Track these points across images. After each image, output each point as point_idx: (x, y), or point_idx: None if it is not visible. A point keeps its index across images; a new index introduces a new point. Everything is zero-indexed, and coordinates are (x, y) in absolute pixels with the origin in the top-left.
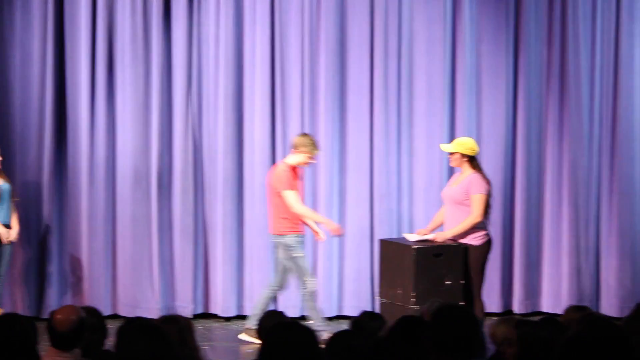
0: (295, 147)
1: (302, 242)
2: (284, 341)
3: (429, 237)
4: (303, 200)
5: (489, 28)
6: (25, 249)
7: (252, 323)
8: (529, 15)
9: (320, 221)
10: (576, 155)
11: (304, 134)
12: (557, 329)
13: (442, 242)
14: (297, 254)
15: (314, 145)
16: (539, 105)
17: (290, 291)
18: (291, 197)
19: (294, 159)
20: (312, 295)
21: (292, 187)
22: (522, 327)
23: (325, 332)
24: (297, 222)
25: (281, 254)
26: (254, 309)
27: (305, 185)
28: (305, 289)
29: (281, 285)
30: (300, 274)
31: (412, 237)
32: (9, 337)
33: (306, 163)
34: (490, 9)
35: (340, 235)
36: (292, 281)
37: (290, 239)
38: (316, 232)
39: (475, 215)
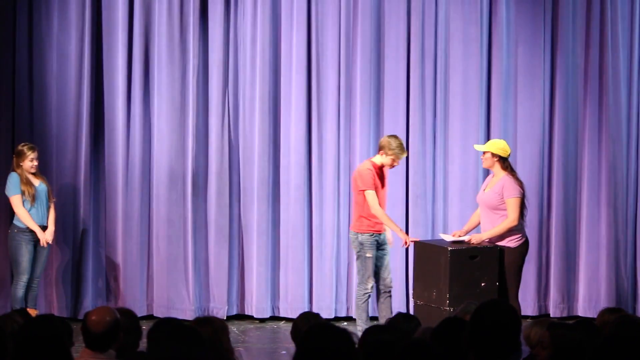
0: (381, 148)
1: (375, 243)
2: (319, 344)
3: (465, 238)
4: (383, 202)
5: (526, 29)
6: (61, 250)
7: (361, 328)
8: (566, 16)
9: (393, 229)
10: (614, 157)
11: (392, 136)
12: (591, 331)
13: (478, 243)
14: (368, 254)
15: (400, 148)
16: (576, 107)
17: (324, 293)
18: (371, 197)
19: (379, 159)
20: (366, 297)
21: (373, 187)
22: (556, 329)
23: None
24: (374, 223)
25: (356, 250)
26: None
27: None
28: (363, 290)
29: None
30: (364, 273)
31: (448, 238)
32: (43, 338)
33: (391, 165)
34: (527, 10)
35: (408, 246)
36: (327, 282)
37: (364, 238)
38: (401, 237)
39: (511, 219)
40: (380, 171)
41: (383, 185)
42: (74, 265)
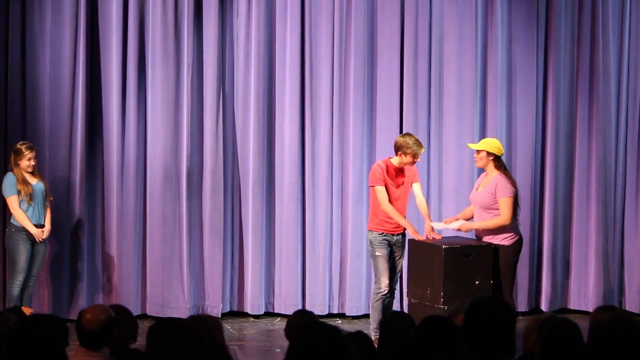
0: (398, 148)
1: (385, 242)
2: (311, 342)
3: (454, 225)
4: (402, 200)
5: (520, 28)
6: (56, 249)
7: (373, 327)
8: (559, 15)
9: (403, 224)
10: (604, 154)
11: (407, 134)
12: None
13: (467, 230)
14: (377, 252)
15: (417, 144)
16: (568, 105)
17: (317, 290)
18: (380, 193)
19: (397, 160)
20: (380, 297)
21: (382, 183)
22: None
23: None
24: (384, 221)
25: (369, 249)
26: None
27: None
28: (376, 289)
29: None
30: (376, 272)
31: (438, 226)
32: (37, 337)
33: (412, 163)
34: (522, 9)
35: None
36: (320, 279)
37: (374, 236)
38: (410, 232)
39: (503, 218)
40: (397, 171)
41: (401, 183)
42: (69, 264)
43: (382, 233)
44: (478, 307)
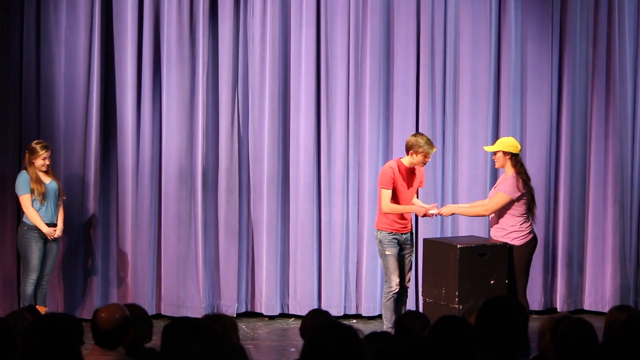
0: (409, 148)
1: (394, 241)
2: (326, 341)
3: (436, 210)
4: (408, 199)
5: (534, 27)
6: (70, 248)
7: (386, 327)
8: (574, 14)
9: (409, 210)
10: (621, 154)
11: (418, 134)
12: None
13: (448, 213)
14: (387, 251)
15: (429, 144)
16: (583, 105)
17: (333, 291)
18: (383, 196)
19: (408, 160)
20: (391, 296)
21: (388, 187)
22: (561, 324)
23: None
24: (393, 220)
25: (378, 248)
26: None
27: (421, 183)
28: (387, 288)
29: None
30: (386, 271)
31: (418, 203)
32: (52, 337)
33: (423, 163)
34: (536, 8)
35: (433, 215)
36: (336, 279)
37: (383, 235)
38: (419, 212)
39: (486, 208)
40: (409, 171)
41: (411, 184)
42: (83, 263)
43: (392, 232)
44: (489, 308)
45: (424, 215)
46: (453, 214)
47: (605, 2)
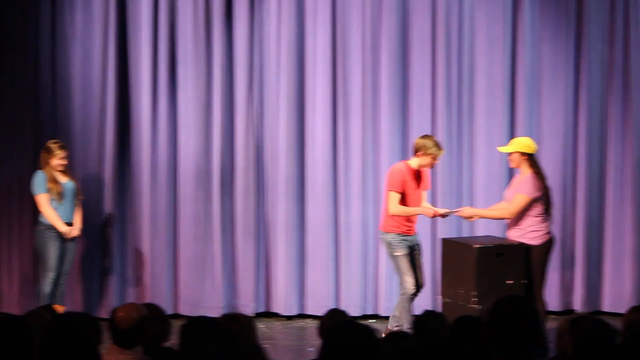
0: (418, 150)
1: (403, 242)
2: (343, 340)
3: (454, 210)
4: (419, 203)
5: (550, 27)
6: (87, 247)
7: (392, 325)
8: (590, 14)
9: (418, 212)
10: (639, 154)
11: (426, 136)
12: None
13: (468, 215)
14: (397, 252)
15: (437, 146)
16: (600, 105)
17: (351, 291)
18: (391, 199)
19: (416, 161)
20: (407, 296)
21: (398, 189)
22: (579, 324)
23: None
24: (400, 222)
25: (386, 250)
26: (394, 310)
27: (428, 185)
28: (402, 289)
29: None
30: (399, 272)
31: (443, 211)
32: (70, 335)
33: (431, 165)
34: (551, 8)
35: (442, 215)
36: (353, 280)
37: (391, 237)
38: (428, 213)
39: (509, 211)
40: (416, 173)
41: (419, 186)
42: (100, 263)
43: (400, 234)
44: (500, 307)
45: (434, 216)
46: (473, 216)
47: (621, 2)
